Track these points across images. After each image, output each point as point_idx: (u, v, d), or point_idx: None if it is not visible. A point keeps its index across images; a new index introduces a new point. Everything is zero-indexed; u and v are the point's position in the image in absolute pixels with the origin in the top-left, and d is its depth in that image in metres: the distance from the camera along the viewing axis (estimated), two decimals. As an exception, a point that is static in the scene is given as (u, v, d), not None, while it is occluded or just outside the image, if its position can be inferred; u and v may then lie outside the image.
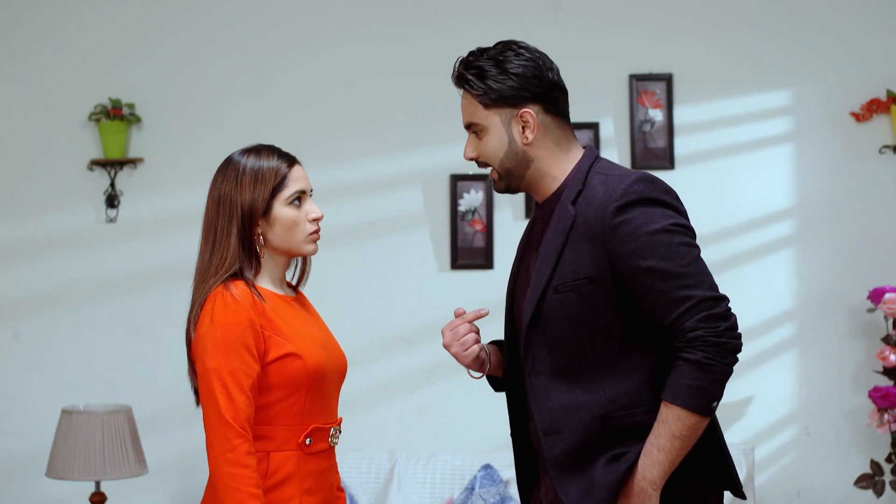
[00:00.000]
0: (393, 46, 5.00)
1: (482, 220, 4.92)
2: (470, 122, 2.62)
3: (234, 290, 2.59)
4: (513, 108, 2.56)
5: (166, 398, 4.88)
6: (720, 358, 2.41)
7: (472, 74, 2.58)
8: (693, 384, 2.41)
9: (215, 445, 2.54)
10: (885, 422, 4.54)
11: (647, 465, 2.44)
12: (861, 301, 4.73)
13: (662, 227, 2.44)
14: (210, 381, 2.56)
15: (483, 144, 2.60)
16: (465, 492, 4.51)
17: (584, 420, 2.49)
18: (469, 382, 4.96)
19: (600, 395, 2.49)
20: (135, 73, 5.03)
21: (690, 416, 2.42)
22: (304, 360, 2.62)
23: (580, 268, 2.48)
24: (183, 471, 4.91)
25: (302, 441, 2.63)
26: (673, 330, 2.43)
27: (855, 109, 4.81)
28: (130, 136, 5.01)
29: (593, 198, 2.50)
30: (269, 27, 5.03)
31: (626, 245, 2.44)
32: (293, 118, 4.97)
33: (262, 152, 2.70)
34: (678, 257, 2.43)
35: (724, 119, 4.91)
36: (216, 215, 2.67)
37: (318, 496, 2.66)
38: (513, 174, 2.60)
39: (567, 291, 2.49)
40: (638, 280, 2.44)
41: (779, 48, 4.88)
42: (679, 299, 2.41)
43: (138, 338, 4.99)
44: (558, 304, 2.49)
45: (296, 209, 2.68)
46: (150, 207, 5.02)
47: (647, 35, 4.91)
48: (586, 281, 2.48)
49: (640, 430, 2.48)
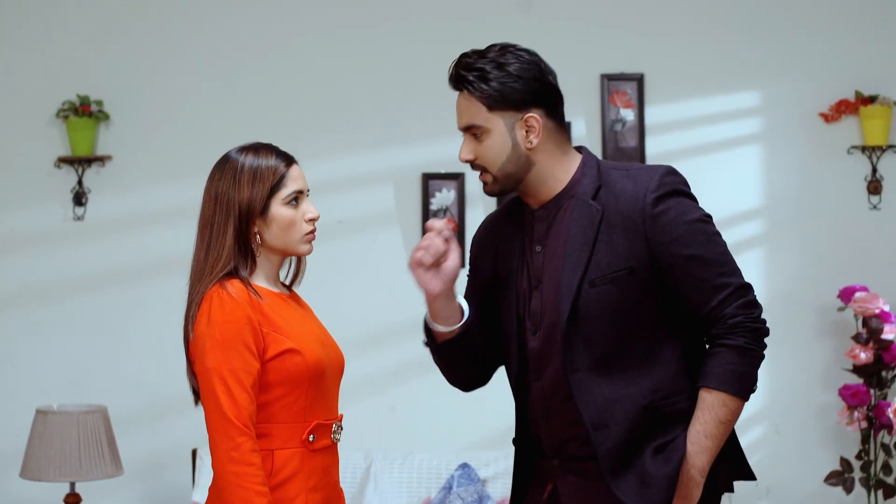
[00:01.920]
0: (364, 45, 4.99)
1: (454, 219, 4.91)
2: (470, 125, 2.57)
3: (230, 289, 2.58)
4: (517, 112, 2.54)
5: (134, 398, 4.85)
6: (757, 343, 2.50)
7: (474, 76, 2.54)
8: (736, 369, 2.48)
9: (219, 444, 2.51)
10: (854, 419, 4.57)
11: (696, 452, 2.48)
12: (830, 300, 4.76)
13: (699, 217, 2.53)
14: (211, 380, 2.54)
15: (484, 147, 2.56)
16: (442, 491, 4.50)
17: (628, 411, 2.50)
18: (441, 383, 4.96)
19: (642, 385, 2.52)
20: (103, 70, 4.99)
21: (734, 401, 2.48)
22: (303, 356, 2.60)
23: (618, 259, 2.50)
24: (154, 471, 4.87)
25: (305, 438, 2.61)
26: (713, 317, 2.49)
27: (824, 110, 4.85)
28: (98, 133, 4.96)
29: (622, 191, 2.52)
30: (239, 25, 5.00)
31: (667, 234, 2.49)
32: (263, 116, 4.94)
33: (260, 151, 2.68)
34: (716, 245, 2.52)
35: (694, 119, 4.93)
36: (213, 213, 2.64)
37: (322, 493, 2.64)
38: (511, 178, 2.57)
39: (606, 284, 2.50)
40: (679, 268, 2.49)
41: (749, 49, 4.91)
42: (719, 286, 2.49)
43: (106, 337, 4.94)
44: (597, 297, 2.50)
45: (293, 209, 2.66)
46: (118, 205, 4.97)
47: (619, 35, 4.92)
48: (626, 272, 2.50)
49: (682, 417, 2.52)
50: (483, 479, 4.53)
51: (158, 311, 4.91)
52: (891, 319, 4.56)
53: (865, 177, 4.84)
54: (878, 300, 4.54)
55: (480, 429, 4.83)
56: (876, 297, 4.55)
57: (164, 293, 4.91)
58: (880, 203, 4.83)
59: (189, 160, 4.96)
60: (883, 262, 4.80)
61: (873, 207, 4.84)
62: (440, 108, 4.92)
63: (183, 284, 4.83)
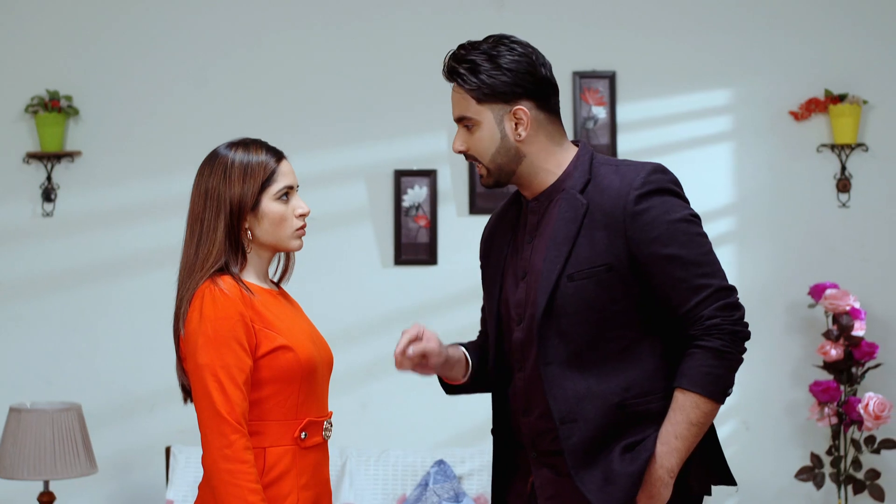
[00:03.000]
0: (336, 42, 4.97)
1: (426, 216, 4.90)
2: (461, 116, 2.60)
3: (222, 285, 2.56)
4: (506, 104, 2.56)
5: (106, 395, 4.82)
6: (735, 346, 2.47)
7: (465, 69, 2.56)
8: (711, 371, 2.45)
9: (211, 442, 2.49)
10: (825, 415, 4.61)
11: (665, 453, 2.47)
12: (800, 297, 4.79)
13: (682, 217, 2.49)
14: (203, 376, 2.52)
15: (474, 139, 2.59)
16: (418, 488, 4.49)
17: (599, 408, 2.50)
18: (413, 380, 4.95)
19: (615, 383, 2.50)
20: (73, 65, 4.94)
21: (707, 403, 2.46)
22: (295, 353, 2.59)
23: (597, 255, 2.50)
24: (127, 468, 4.83)
25: (297, 435, 2.60)
26: (690, 317, 2.47)
27: (794, 109, 4.88)
28: (68, 128, 4.92)
29: (608, 187, 2.52)
30: (211, 21, 4.97)
31: (647, 233, 2.47)
32: (234, 113, 4.91)
33: (250, 146, 2.67)
34: (698, 246, 2.49)
35: (666, 117, 4.95)
36: (203, 209, 2.63)
37: (313, 490, 2.64)
38: (503, 170, 2.60)
39: (583, 279, 2.50)
40: (658, 267, 2.47)
41: (720, 48, 4.94)
42: (697, 287, 2.46)
43: (76, 334, 4.90)
44: (574, 291, 2.50)
45: (283, 204, 2.65)
46: (87, 202, 4.93)
47: (591, 33, 4.94)
48: (605, 268, 2.49)
49: (653, 418, 2.50)
50: (459, 476, 4.53)
51: (129, 307, 4.90)
52: (861, 316, 4.60)
53: (835, 175, 4.88)
54: (849, 297, 4.58)
55: (453, 426, 4.83)
56: (847, 295, 4.58)
57: (135, 290, 4.90)
58: (849, 201, 4.87)
59: (159, 156, 4.95)
60: (851, 260, 4.84)
61: (842, 205, 4.88)
62: (413, 105, 4.96)
63: (154, 281, 4.87)
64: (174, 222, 4.81)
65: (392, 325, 4.91)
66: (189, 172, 4.76)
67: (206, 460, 2.51)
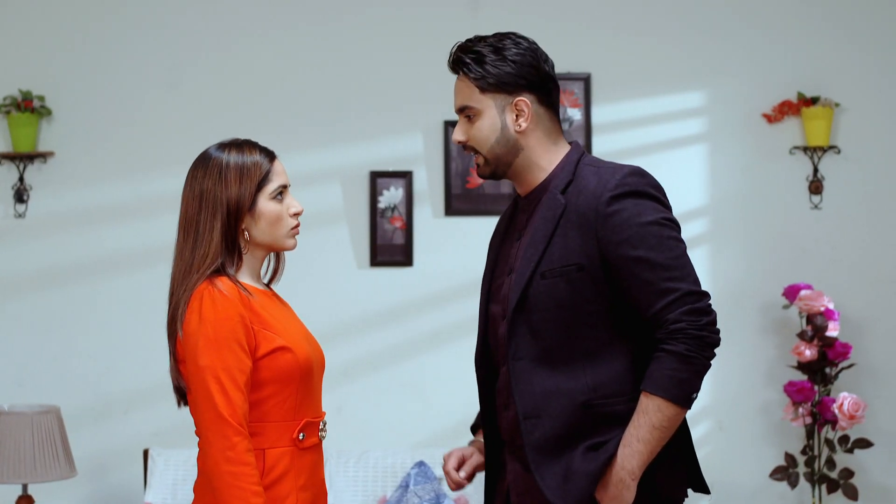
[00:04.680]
0: (311, 43, 4.96)
1: (402, 218, 4.90)
2: (464, 106, 2.63)
3: (220, 286, 2.54)
4: (508, 95, 2.59)
5: (81, 397, 4.78)
6: (700, 351, 2.46)
7: (471, 58, 2.60)
8: (674, 375, 2.45)
9: (213, 444, 2.48)
10: (799, 415, 4.64)
11: (627, 455, 2.47)
12: (773, 298, 4.83)
13: (654, 220, 2.49)
14: (204, 378, 2.49)
15: (475, 129, 2.62)
16: (399, 489, 4.48)
17: (565, 406, 2.50)
18: (389, 381, 4.96)
19: (582, 382, 2.51)
20: (46, 65, 4.91)
21: (671, 407, 2.45)
22: (294, 354, 2.59)
23: (569, 254, 2.51)
24: (104, 472, 4.79)
25: (296, 436, 2.59)
26: (656, 320, 2.46)
27: (767, 111, 4.92)
28: (40, 129, 4.88)
29: (585, 188, 2.53)
30: (184, 22, 4.95)
31: (617, 234, 2.48)
32: (209, 114, 4.89)
33: (243, 147, 2.66)
34: (667, 250, 2.47)
35: (640, 119, 4.98)
36: (197, 211, 2.60)
37: (311, 491, 2.63)
38: (501, 161, 2.62)
39: (555, 277, 2.51)
40: (626, 269, 2.47)
41: (694, 50, 4.97)
42: (664, 291, 2.45)
43: (49, 336, 4.86)
44: (545, 289, 2.51)
45: (278, 203, 2.65)
46: (60, 203, 4.89)
47: (566, 35, 4.95)
48: (575, 268, 2.50)
49: (619, 420, 2.50)
50: (439, 478, 4.52)
51: (102, 309, 4.86)
52: (835, 317, 4.64)
53: (807, 177, 4.92)
54: (823, 298, 4.62)
55: (431, 426, 4.83)
56: (821, 295, 4.62)
57: (108, 291, 4.86)
58: (821, 203, 4.91)
59: (132, 157, 4.92)
60: (823, 261, 4.89)
61: (815, 207, 4.92)
62: (388, 106, 4.96)
63: (127, 282, 4.84)
64: (148, 223, 4.86)
65: (368, 327, 4.93)
66: (162, 173, 4.83)
67: (207, 462, 2.50)
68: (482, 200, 4.90)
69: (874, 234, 4.92)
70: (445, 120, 4.91)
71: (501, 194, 4.88)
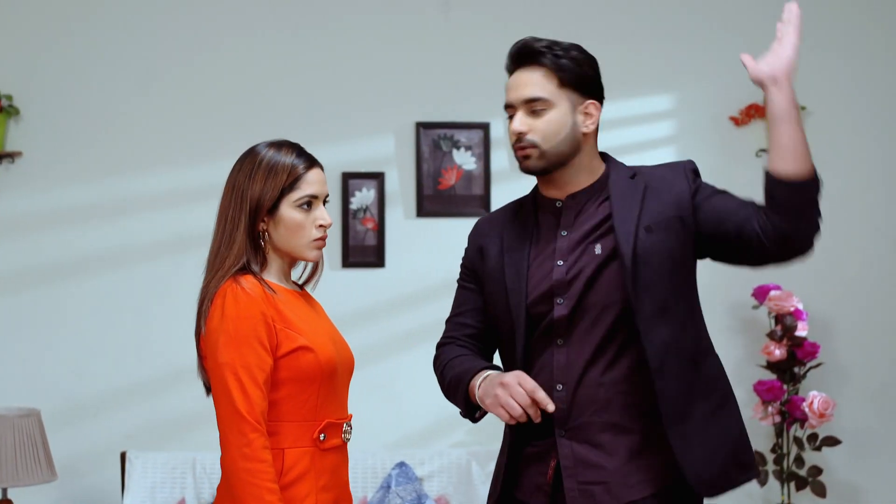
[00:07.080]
0: (284, 45, 4.95)
1: (374, 219, 4.91)
2: (535, 97, 2.61)
3: (244, 284, 2.55)
4: (581, 96, 2.65)
5: (55, 400, 4.72)
6: None
7: (553, 53, 2.62)
8: None
9: (231, 441, 2.48)
10: (768, 414, 4.70)
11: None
12: (741, 298, 4.88)
13: None
14: (224, 375, 2.49)
15: (543, 121, 2.62)
16: (380, 490, 4.48)
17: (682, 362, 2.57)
18: (362, 383, 4.94)
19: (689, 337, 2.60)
20: (14, 64, 4.86)
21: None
22: (315, 354, 2.58)
23: (667, 208, 2.59)
24: (81, 475, 4.75)
25: (316, 437, 2.58)
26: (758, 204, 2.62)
27: (734, 114, 4.98)
28: (8, 128, 4.83)
29: (657, 170, 2.67)
30: (155, 23, 4.92)
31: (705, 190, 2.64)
32: (180, 116, 4.87)
33: (283, 148, 2.65)
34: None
35: (608, 121, 4.92)
36: (228, 204, 2.62)
37: (332, 493, 2.62)
38: (561, 157, 2.64)
39: (661, 230, 2.58)
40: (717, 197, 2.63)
41: (662, 53, 5.02)
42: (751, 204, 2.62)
43: (21, 338, 4.81)
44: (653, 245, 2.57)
45: (304, 213, 2.63)
46: (28, 203, 4.85)
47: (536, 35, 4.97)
48: (677, 219, 2.59)
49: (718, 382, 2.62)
50: (420, 478, 4.53)
51: (72, 310, 4.82)
52: (803, 317, 4.70)
53: (773, 179, 4.97)
54: (793, 298, 4.68)
55: (403, 428, 4.83)
56: (790, 296, 4.68)
57: (78, 292, 4.82)
58: (788, 205, 4.97)
59: (101, 157, 4.88)
60: (792, 262, 4.93)
61: (781, 209, 4.97)
62: (360, 107, 4.96)
63: (97, 283, 4.81)
64: (118, 224, 4.82)
65: (340, 327, 4.86)
66: (132, 174, 4.81)
67: (225, 459, 2.50)
68: (454, 202, 4.92)
69: (840, 235, 4.98)
70: (417, 121, 4.92)
71: (472, 195, 4.90)
